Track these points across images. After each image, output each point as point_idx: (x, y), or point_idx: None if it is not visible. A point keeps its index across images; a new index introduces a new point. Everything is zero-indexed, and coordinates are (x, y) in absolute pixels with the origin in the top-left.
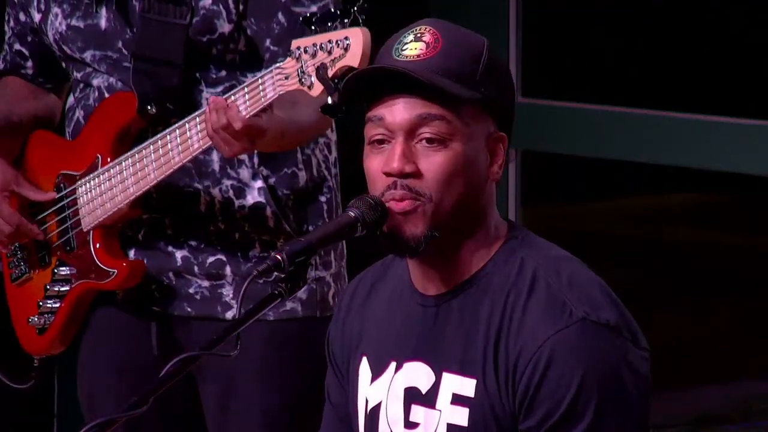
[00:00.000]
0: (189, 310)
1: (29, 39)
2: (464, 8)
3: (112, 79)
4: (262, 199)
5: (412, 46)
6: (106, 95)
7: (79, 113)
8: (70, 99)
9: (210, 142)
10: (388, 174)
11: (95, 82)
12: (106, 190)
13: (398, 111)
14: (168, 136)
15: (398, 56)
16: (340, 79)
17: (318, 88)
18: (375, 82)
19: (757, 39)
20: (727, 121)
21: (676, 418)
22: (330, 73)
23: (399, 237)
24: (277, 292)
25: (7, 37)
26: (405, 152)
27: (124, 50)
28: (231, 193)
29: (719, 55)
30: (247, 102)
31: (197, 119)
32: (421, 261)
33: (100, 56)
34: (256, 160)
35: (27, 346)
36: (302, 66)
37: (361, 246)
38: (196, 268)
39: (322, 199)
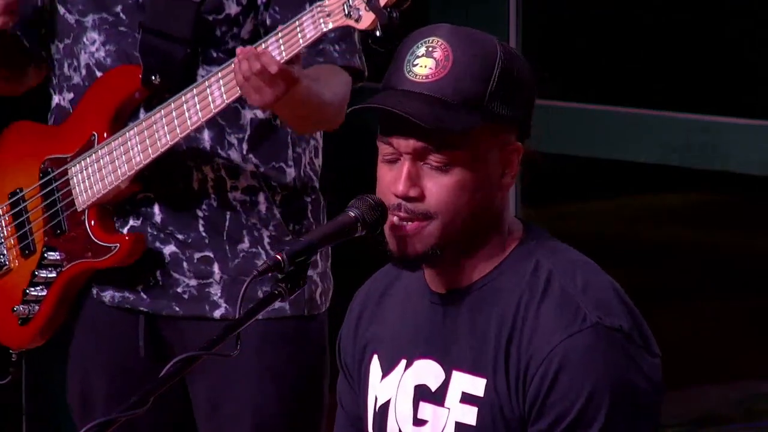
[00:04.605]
0: (177, 309)
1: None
2: (464, 8)
3: (100, 53)
4: (254, 183)
5: (423, 63)
6: (96, 72)
7: (66, 96)
8: (55, 99)
9: (236, 95)
10: (394, 194)
11: (83, 58)
12: (106, 164)
13: (405, 138)
14: (183, 97)
15: (408, 72)
16: (393, 8)
17: (367, 20)
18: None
19: (757, 39)
20: (726, 121)
21: (676, 418)
22: (382, 2)
23: (401, 254)
24: (276, 291)
25: None
26: (411, 175)
27: (122, 15)
28: (223, 172)
29: (719, 55)
30: (282, 47)
31: (219, 74)
32: (431, 264)
33: (99, 19)
34: (245, 146)
35: (6, 340)
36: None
37: (356, 247)
38: (184, 264)
39: (307, 199)
